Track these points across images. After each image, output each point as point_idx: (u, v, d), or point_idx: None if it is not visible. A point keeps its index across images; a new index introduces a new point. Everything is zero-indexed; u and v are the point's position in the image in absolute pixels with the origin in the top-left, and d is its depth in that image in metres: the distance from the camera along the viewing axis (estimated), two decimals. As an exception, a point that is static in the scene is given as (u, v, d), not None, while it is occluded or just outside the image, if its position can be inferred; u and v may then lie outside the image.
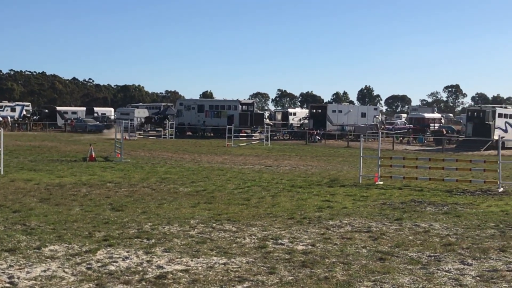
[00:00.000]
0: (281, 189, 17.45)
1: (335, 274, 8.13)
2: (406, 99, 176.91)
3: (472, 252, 9.70)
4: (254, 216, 12.75)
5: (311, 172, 23.28)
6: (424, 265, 8.79)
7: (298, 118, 71.01)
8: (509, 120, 46.40)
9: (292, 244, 10.06)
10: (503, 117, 46.23)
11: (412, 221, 12.56)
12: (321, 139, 52.15)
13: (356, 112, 61.78)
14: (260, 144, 45.12)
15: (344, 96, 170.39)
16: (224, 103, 60.62)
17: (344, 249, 9.71)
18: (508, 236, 11.04)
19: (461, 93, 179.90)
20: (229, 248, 9.64)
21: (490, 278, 8.10)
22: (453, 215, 13.36)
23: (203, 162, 27.06)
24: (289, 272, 8.25)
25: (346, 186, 18.65)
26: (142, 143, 43.10)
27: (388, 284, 7.75)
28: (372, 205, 14.72)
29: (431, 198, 16.19)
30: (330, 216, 12.99)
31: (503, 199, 16.18)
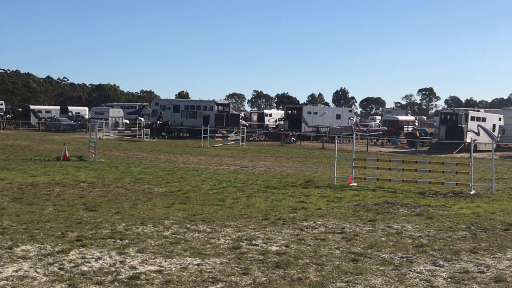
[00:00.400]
0: (256, 190, 17.48)
1: (308, 275, 8.18)
2: (381, 102, 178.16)
3: (444, 253, 9.82)
4: (228, 217, 12.76)
5: (286, 173, 23.35)
6: (396, 266, 8.88)
7: (274, 119, 71.15)
8: (482, 123, 47.01)
9: (266, 245, 10.09)
10: (476, 120, 46.81)
11: (385, 222, 12.67)
12: (296, 141, 52.33)
13: (331, 114, 62.12)
14: (236, 145, 45.11)
15: (320, 98, 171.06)
16: (200, 104, 60.53)
17: (317, 250, 9.76)
18: (479, 238, 11.20)
19: (434, 96, 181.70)
20: (203, 249, 9.64)
21: (461, 280, 8.20)
22: (426, 216, 13.50)
23: (178, 163, 26.99)
24: (263, 273, 8.28)
25: (321, 187, 18.74)
26: (116, 143, 42.83)
27: (361, 285, 7.81)
28: (346, 206, 14.82)
29: (404, 199, 16.34)
30: (304, 217, 13.05)
31: (474, 201, 16.39)
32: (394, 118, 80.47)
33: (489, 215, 13.88)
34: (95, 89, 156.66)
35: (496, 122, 48.83)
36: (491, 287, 7.88)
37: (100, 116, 64.53)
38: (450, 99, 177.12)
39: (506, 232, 11.90)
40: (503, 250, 10.16)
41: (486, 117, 48.67)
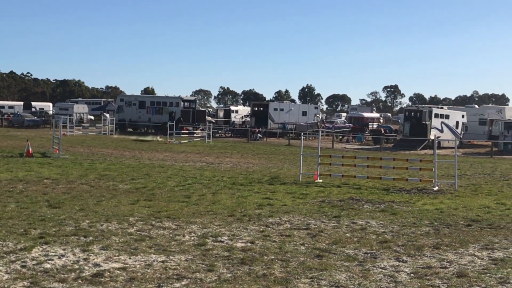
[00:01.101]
0: (222, 187, 17.46)
1: (273, 271, 8.20)
2: (346, 99, 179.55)
3: (407, 249, 9.94)
4: (194, 214, 12.72)
5: (252, 170, 23.37)
6: (361, 262, 8.95)
7: (240, 116, 71.13)
8: (445, 120, 47.67)
9: (231, 242, 10.08)
10: (439, 117, 47.44)
11: (349, 218, 12.77)
12: (262, 137, 52.39)
13: (297, 111, 62.35)
14: (202, 141, 44.99)
15: (286, 95, 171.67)
16: (166, 100, 60.18)
17: (282, 246, 9.79)
18: (442, 234, 11.36)
19: (399, 93, 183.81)
20: (168, 246, 9.60)
21: (424, 275, 8.31)
22: (390, 212, 13.65)
23: (143, 159, 26.80)
24: (228, 269, 8.28)
25: (287, 183, 18.81)
26: (81, 139, 42.34)
27: (325, 280, 7.86)
28: (311, 203, 14.89)
29: (369, 196, 16.49)
30: (270, 213, 13.08)
31: (438, 197, 16.62)
32: (360, 115, 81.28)
33: (452, 211, 14.09)
34: (59, 85, 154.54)
35: (459, 119, 49.58)
36: (453, 282, 7.99)
37: (64, 112, 63.79)
38: (415, 96, 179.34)
39: (469, 228, 12.09)
40: (465, 246, 10.32)
41: (449, 114, 49.37)
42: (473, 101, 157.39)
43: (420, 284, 7.85)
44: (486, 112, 55.68)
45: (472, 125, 52.22)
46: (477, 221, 12.87)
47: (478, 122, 53.34)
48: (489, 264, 9.02)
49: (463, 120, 49.96)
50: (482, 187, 19.44)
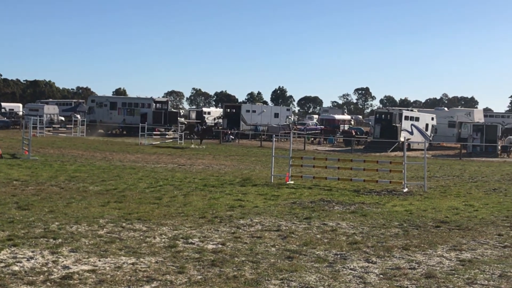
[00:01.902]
0: (193, 188, 17.43)
1: (244, 273, 8.22)
2: (318, 101, 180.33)
3: (377, 250, 10.03)
4: (165, 215, 12.68)
5: (224, 171, 23.37)
6: (331, 263, 9.01)
7: (213, 118, 71.11)
8: (415, 123, 48.19)
9: (202, 243, 10.08)
10: (409, 119, 47.93)
11: (320, 220, 12.85)
12: (234, 139, 52.40)
13: (269, 113, 62.51)
14: (174, 143, 44.83)
15: (258, 96, 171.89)
16: (138, 101, 59.87)
17: (253, 248, 9.82)
18: (411, 235, 11.48)
19: (370, 96, 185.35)
20: (138, 248, 9.56)
21: (393, 276, 8.39)
22: (360, 214, 13.76)
23: (114, 161, 26.63)
24: (198, 271, 8.27)
25: (258, 185, 18.84)
26: (51, 140, 41.89)
27: (295, 282, 7.90)
28: (282, 204, 14.94)
29: (339, 197, 16.61)
30: (241, 215, 13.10)
31: (407, 199, 16.80)
32: (331, 117, 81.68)
33: (421, 213, 14.25)
34: (29, 85, 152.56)
35: (429, 122, 50.16)
36: (422, 283, 8.08)
37: (34, 113, 62.91)
38: (385, 99, 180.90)
39: (437, 229, 12.24)
40: (434, 247, 10.45)
41: (419, 116, 49.92)
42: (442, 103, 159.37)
43: (389, 285, 7.93)
44: (455, 114, 56.49)
45: (442, 128, 52.92)
46: (446, 222, 13.04)
47: (448, 124, 54.09)
48: (457, 265, 9.14)
49: (432, 122, 50.56)
50: (451, 188, 19.70)
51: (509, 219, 13.63)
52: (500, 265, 9.16)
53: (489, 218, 13.73)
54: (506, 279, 8.33)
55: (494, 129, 46.48)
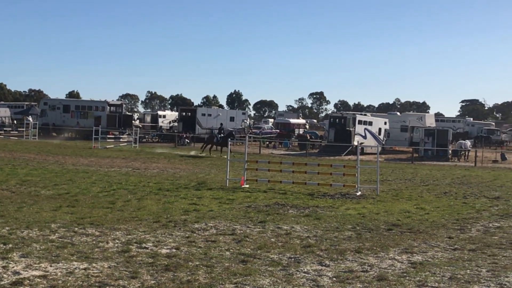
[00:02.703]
0: (147, 192, 17.30)
1: (198, 277, 8.19)
2: (274, 105, 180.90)
3: (330, 253, 10.12)
4: (118, 220, 12.55)
5: (179, 175, 23.27)
6: (284, 266, 9.06)
7: (168, 121, 70.64)
8: (368, 127, 48.84)
9: (156, 248, 10.01)
10: (363, 124, 48.56)
11: (275, 223, 12.90)
12: (190, 142, 52.21)
13: (225, 116, 62.46)
14: (128, 146, 44.41)
15: (214, 100, 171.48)
16: (91, 104, 59.18)
17: (208, 252, 9.80)
18: (364, 238, 11.63)
19: (325, 100, 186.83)
20: (90, 253, 9.43)
21: (346, 279, 8.48)
22: (314, 217, 13.86)
23: (67, 164, 26.22)
24: (152, 276, 8.21)
25: (213, 189, 18.81)
26: (2, 143, 41.01)
27: (249, 286, 7.92)
28: (237, 208, 14.96)
29: (294, 201, 16.70)
30: (196, 219, 13.05)
31: (360, 202, 17.01)
32: (286, 121, 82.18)
33: (373, 216, 14.45)
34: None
35: (382, 126, 50.90)
36: (374, 285, 8.19)
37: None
38: (339, 103, 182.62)
39: (389, 232, 12.42)
40: (386, 250, 10.60)
41: (372, 121, 50.60)
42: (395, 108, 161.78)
43: (342, 288, 8.02)
44: (407, 119, 57.46)
45: (394, 132, 53.78)
46: (398, 225, 13.24)
47: (400, 128, 54.99)
48: (408, 268, 9.29)
49: (385, 126, 51.33)
50: (402, 192, 20.02)
51: (459, 222, 13.93)
52: (450, 267, 9.34)
53: (440, 221, 14.00)
54: (456, 281, 8.50)
55: (445, 134, 47.43)
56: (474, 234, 12.44)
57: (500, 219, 14.70)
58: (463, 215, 15.13)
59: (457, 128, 78.24)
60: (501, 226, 13.62)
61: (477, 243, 11.44)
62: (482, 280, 8.56)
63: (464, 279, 8.59)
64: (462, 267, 9.38)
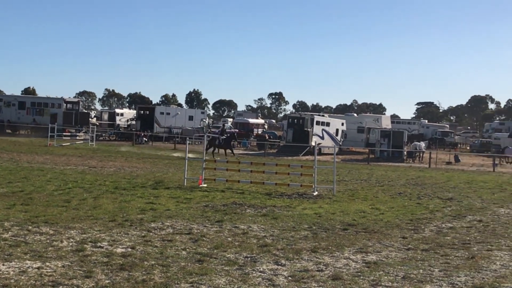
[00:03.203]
0: (104, 191, 17.13)
1: (153, 277, 8.16)
2: (233, 104, 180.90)
3: (286, 253, 10.19)
4: (73, 219, 12.40)
5: (136, 174, 23.09)
6: (241, 266, 9.09)
7: (126, 119, 70.04)
8: (326, 128, 49.27)
9: (111, 247, 9.93)
10: (321, 124, 48.96)
11: (232, 223, 12.92)
12: (148, 141, 51.86)
13: (184, 115, 62.31)
14: (85, 144, 43.88)
15: (173, 99, 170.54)
16: (48, 101, 58.33)
17: (164, 252, 9.76)
18: (319, 238, 11.73)
19: (283, 101, 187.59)
20: (44, 252, 9.30)
21: (301, 278, 8.55)
22: (271, 217, 13.93)
23: (22, 162, 25.77)
24: (106, 275, 8.14)
25: (171, 188, 18.73)
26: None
27: (205, 285, 7.92)
28: (195, 207, 14.93)
29: (252, 200, 16.75)
30: (152, 218, 12.98)
31: (317, 202, 17.15)
32: (245, 120, 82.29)
33: (329, 216, 14.58)
34: None
35: (339, 127, 51.41)
36: (329, 285, 8.27)
37: None
38: (298, 104, 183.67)
39: (345, 231, 12.56)
40: (341, 249, 10.71)
41: (330, 122, 51.08)
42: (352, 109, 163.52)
43: (297, 287, 8.08)
44: (364, 120, 58.22)
45: (351, 133, 54.38)
46: (353, 225, 13.40)
47: (357, 130, 55.66)
48: (363, 267, 9.41)
49: (342, 127, 51.86)
50: (358, 192, 20.26)
51: (413, 223, 14.17)
52: (403, 267, 9.49)
53: (394, 221, 14.22)
54: (409, 280, 8.65)
55: (400, 135, 48.16)
56: (427, 235, 12.67)
57: (453, 219, 15.00)
58: (417, 215, 15.40)
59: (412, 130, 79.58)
60: (454, 226, 13.90)
61: (430, 243, 11.66)
62: (434, 280, 8.73)
63: (417, 279, 8.74)
64: (415, 266, 9.54)
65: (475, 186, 24.41)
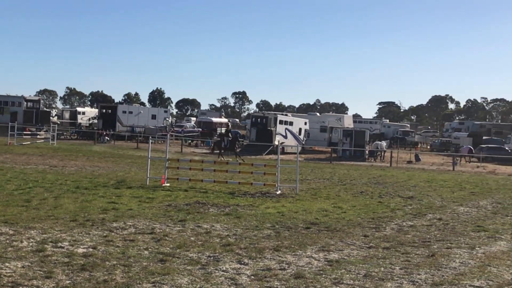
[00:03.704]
0: (65, 191, 16.92)
1: (115, 277, 8.09)
2: (196, 103, 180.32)
3: (249, 252, 10.21)
4: (34, 219, 12.22)
5: (98, 173, 22.86)
6: (204, 265, 9.07)
7: (87, 118, 69.32)
8: (289, 127, 49.51)
9: (72, 247, 9.81)
10: (284, 124, 49.17)
11: (195, 222, 12.89)
12: (110, 140, 51.38)
13: (146, 114, 61.93)
14: (46, 143, 43.25)
15: (136, 98, 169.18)
16: (8, 99, 57.45)
17: (126, 251, 9.68)
18: (282, 236, 11.78)
19: (247, 100, 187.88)
20: (3, 252, 9.15)
21: (264, 277, 8.57)
22: (234, 216, 13.94)
23: (-20, 161, 25.29)
24: (67, 276, 8.05)
25: (133, 187, 18.60)
26: None
27: (167, 285, 7.89)
28: (157, 207, 14.85)
29: (215, 199, 16.73)
30: (114, 218, 12.87)
31: (280, 201, 17.22)
32: (209, 119, 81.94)
33: (292, 214, 14.65)
34: None
35: (302, 126, 51.69)
36: (291, 283, 8.31)
37: None
38: (261, 103, 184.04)
39: (307, 230, 12.64)
40: (304, 248, 10.78)
41: (293, 121, 51.34)
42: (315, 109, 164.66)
43: (260, 286, 8.10)
44: (326, 120, 58.65)
45: (314, 132, 54.76)
46: (316, 224, 13.49)
47: (319, 129, 56.08)
48: (325, 265, 9.48)
49: (305, 127, 52.17)
50: (321, 191, 20.39)
51: (374, 221, 14.32)
52: (365, 265, 9.60)
53: (356, 220, 14.36)
54: (370, 278, 8.75)
55: (362, 134, 48.67)
56: (388, 233, 12.82)
57: (413, 218, 15.22)
58: (378, 214, 15.58)
59: (374, 129, 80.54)
60: (414, 224, 14.10)
61: (391, 241, 11.80)
62: (395, 278, 8.85)
63: (378, 277, 8.85)
64: (377, 264, 9.66)
65: (435, 185, 24.81)
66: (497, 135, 72.03)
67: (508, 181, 29.34)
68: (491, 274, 9.35)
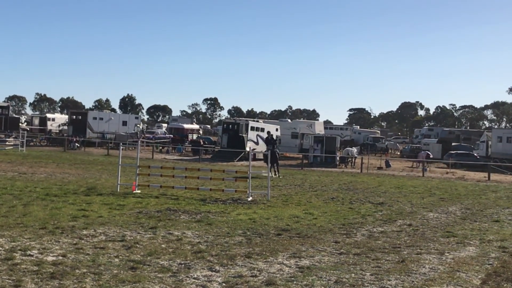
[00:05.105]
0: (34, 198, 16.72)
1: (85, 285, 8.02)
2: (167, 109, 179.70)
3: (220, 259, 10.19)
4: (2, 226, 12.05)
5: (68, 180, 22.63)
6: (174, 273, 9.03)
7: (57, 124, 68.61)
8: (260, 133, 49.56)
9: (41, 255, 9.70)
10: (255, 130, 49.24)
11: (166, 229, 12.83)
12: (80, 146, 50.91)
13: (117, 120, 61.56)
14: (15, 150, 42.68)
15: (107, 104, 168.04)
16: (-25, 105, 56.51)
17: (96, 259, 9.60)
18: (254, 243, 11.79)
19: (219, 106, 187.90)
20: (-29, 262, 9.02)
21: (235, 284, 8.56)
22: (205, 223, 13.91)
23: None
24: (36, 284, 7.95)
25: (104, 194, 18.45)
26: None
27: (138, 292, 7.85)
28: (128, 214, 14.75)
29: (186, 206, 16.68)
30: (84, 225, 12.76)
31: (251, 207, 17.23)
32: (180, 126, 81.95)
33: (264, 221, 14.66)
34: None
35: (274, 132, 51.76)
36: (262, 289, 8.34)
37: None
38: (233, 109, 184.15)
39: (279, 237, 12.66)
40: (275, 254, 10.79)
41: (264, 127, 51.40)
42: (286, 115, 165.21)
43: (231, 293, 8.11)
44: (298, 126, 58.89)
45: (285, 138, 54.94)
46: (287, 230, 13.52)
47: (291, 135, 56.26)
48: (296, 272, 9.50)
49: (277, 133, 52.26)
50: (292, 197, 20.46)
51: (345, 227, 14.40)
52: (336, 271, 9.64)
53: (327, 226, 14.42)
54: (341, 284, 8.79)
55: (333, 141, 48.95)
56: (359, 239, 12.91)
57: (384, 224, 15.34)
58: (349, 220, 15.67)
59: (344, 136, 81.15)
60: (385, 230, 14.21)
61: (362, 247, 11.88)
62: (366, 284, 8.90)
63: (349, 283, 8.90)
64: (347, 271, 9.71)
65: (405, 191, 25.04)
66: (466, 142, 73.08)
67: (477, 187, 29.75)
68: (460, 279, 9.46)
